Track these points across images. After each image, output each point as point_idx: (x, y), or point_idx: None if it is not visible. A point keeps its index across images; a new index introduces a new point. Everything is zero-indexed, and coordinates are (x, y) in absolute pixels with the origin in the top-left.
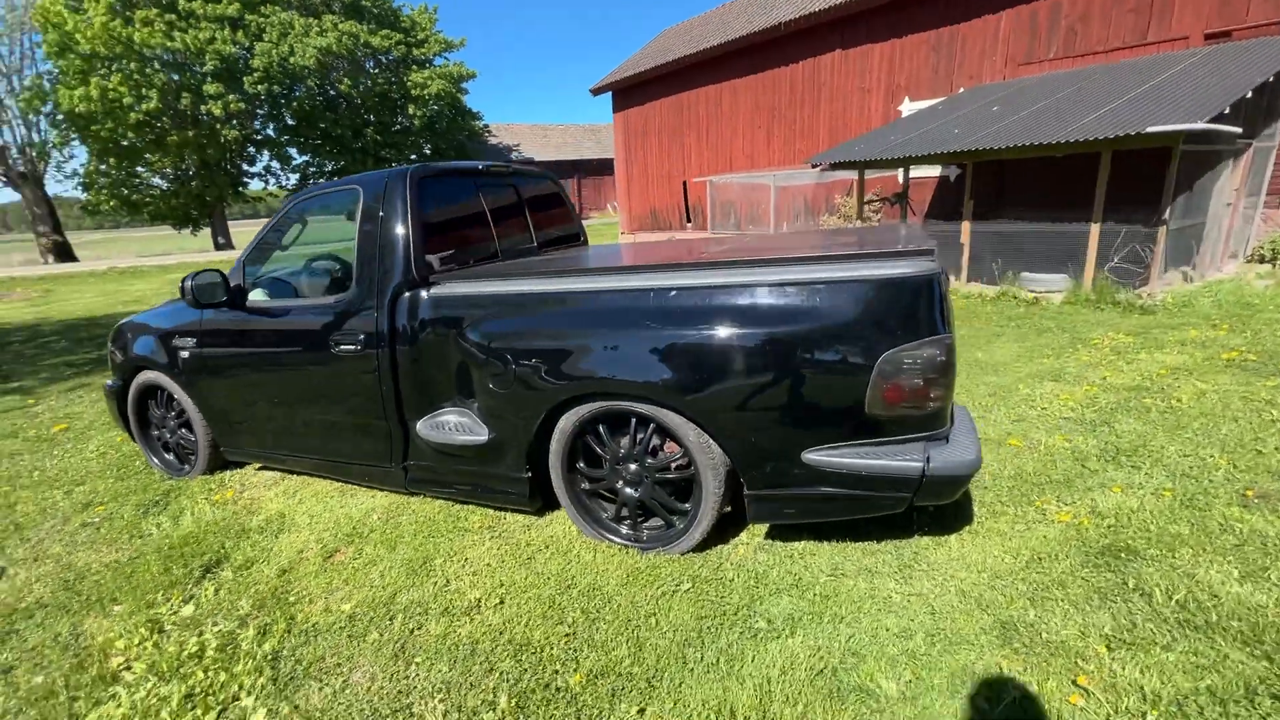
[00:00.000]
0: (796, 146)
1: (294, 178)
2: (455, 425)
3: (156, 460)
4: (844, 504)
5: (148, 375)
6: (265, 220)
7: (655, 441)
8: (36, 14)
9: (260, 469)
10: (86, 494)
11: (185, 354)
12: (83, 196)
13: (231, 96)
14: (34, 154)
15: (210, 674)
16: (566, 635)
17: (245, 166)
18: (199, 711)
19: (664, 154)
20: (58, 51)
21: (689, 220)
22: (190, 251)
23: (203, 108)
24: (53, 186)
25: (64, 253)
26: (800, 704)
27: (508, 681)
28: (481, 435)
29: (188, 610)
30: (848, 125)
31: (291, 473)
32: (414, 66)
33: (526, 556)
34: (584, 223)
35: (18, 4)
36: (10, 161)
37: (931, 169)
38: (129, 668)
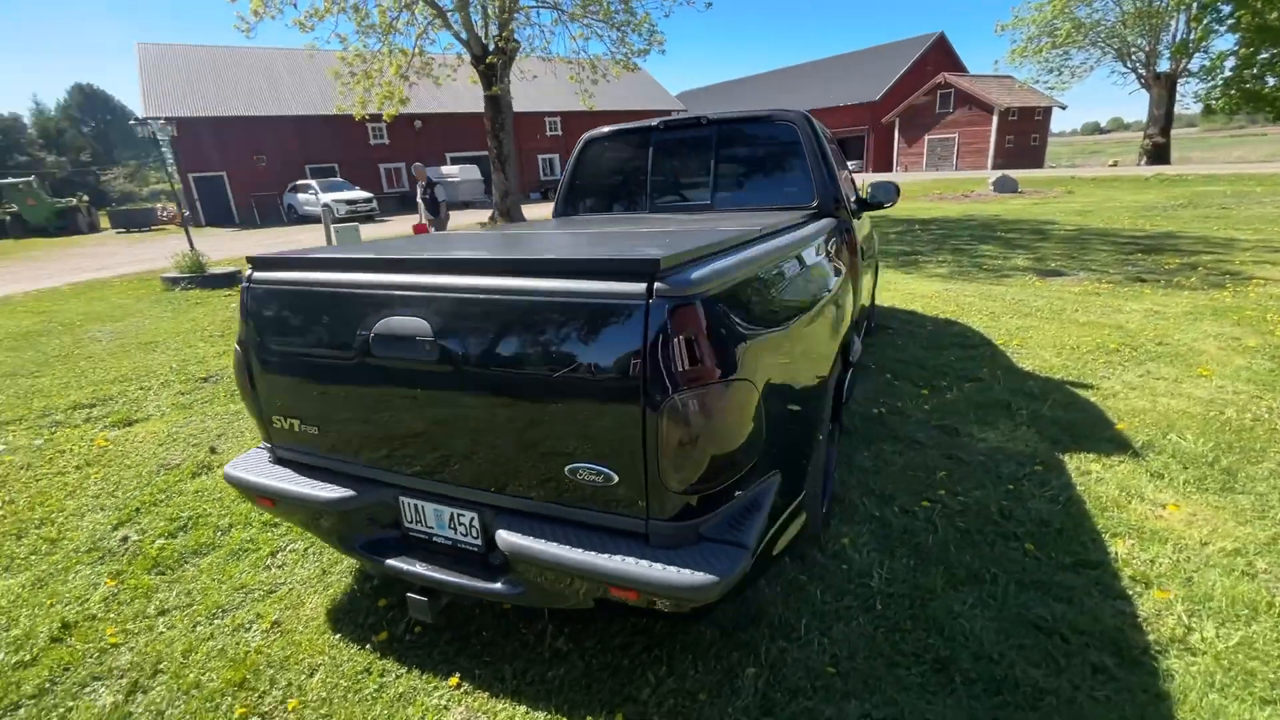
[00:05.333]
0: None
1: None
2: None
3: None
4: None
5: None
6: None
7: None
8: None
9: None
10: None
11: None
12: (1203, 89)
13: None
14: (1178, 52)
15: None
16: None
17: None
18: None
19: None
20: None
21: None
22: None
23: None
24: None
25: (1159, 156)
26: None
27: None
28: None
29: None
30: None
31: None
32: None
33: None
34: None
35: None
36: (1151, 64)
37: None
38: None
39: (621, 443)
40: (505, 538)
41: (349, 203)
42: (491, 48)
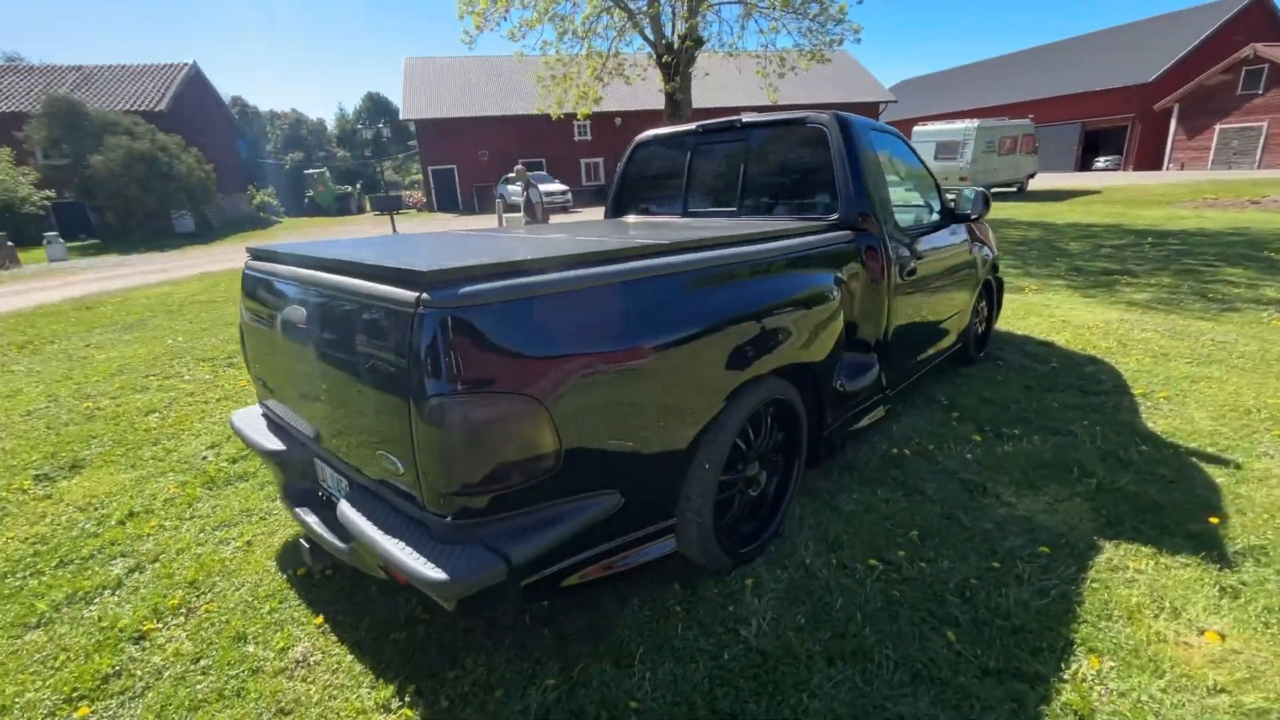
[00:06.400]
0: None
1: None
2: None
3: None
4: None
5: None
6: None
7: None
8: None
9: None
10: None
11: None
12: None
13: None
14: None
15: None
16: None
17: None
18: None
19: None
20: None
21: None
22: None
23: None
24: None
25: None
26: None
27: None
28: None
29: None
30: None
31: None
32: None
33: None
34: None
35: None
36: None
37: None
38: None
39: (400, 438)
40: (340, 505)
41: (547, 194)
42: (675, 45)
